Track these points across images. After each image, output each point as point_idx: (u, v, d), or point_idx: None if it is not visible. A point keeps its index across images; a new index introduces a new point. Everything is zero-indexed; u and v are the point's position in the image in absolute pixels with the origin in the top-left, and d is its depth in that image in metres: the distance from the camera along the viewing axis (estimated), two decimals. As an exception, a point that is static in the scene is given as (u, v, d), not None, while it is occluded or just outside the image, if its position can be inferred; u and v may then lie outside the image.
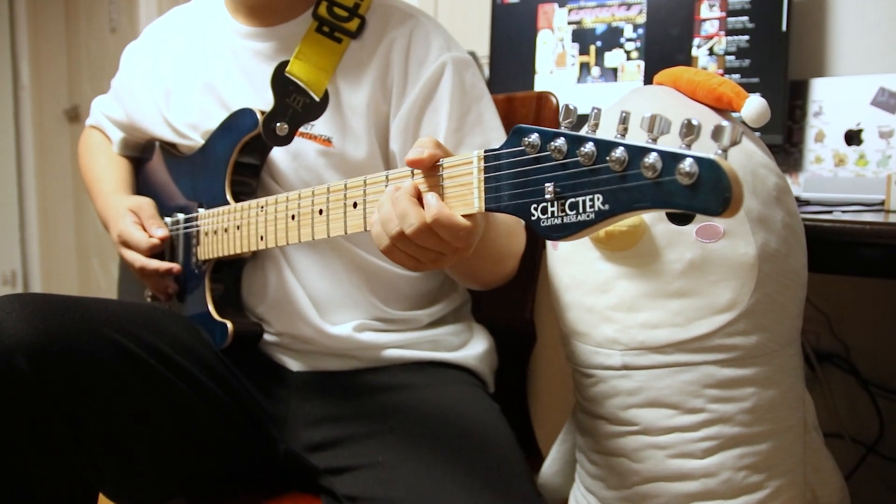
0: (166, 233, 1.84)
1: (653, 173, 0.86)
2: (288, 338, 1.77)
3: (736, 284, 1.45)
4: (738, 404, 1.48)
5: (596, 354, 1.60)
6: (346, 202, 1.35)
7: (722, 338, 1.46)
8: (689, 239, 1.46)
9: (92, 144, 2.17)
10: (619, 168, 0.90)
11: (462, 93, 1.75)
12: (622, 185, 0.90)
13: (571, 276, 1.63)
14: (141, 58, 2.03)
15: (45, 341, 1.41)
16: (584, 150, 0.95)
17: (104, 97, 2.18)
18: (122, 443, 1.53)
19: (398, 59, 1.74)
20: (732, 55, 2.23)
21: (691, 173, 0.82)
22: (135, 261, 1.83)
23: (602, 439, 1.62)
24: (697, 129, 0.85)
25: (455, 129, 1.73)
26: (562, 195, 0.99)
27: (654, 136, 0.89)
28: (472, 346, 1.88)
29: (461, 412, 1.68)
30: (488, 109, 1.79)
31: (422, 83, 1.73)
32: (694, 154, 0.83)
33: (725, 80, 1.54)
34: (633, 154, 0.89)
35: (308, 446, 1.68)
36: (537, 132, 1.03)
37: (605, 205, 0.93)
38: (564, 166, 0.98)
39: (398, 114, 1.74)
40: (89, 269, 5.91)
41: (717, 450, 1.49)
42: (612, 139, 0.92)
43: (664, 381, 1.51)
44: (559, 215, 0.99)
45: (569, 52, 2.51)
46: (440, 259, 1.25)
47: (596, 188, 0.94)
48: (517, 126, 1.06)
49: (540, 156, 1.02)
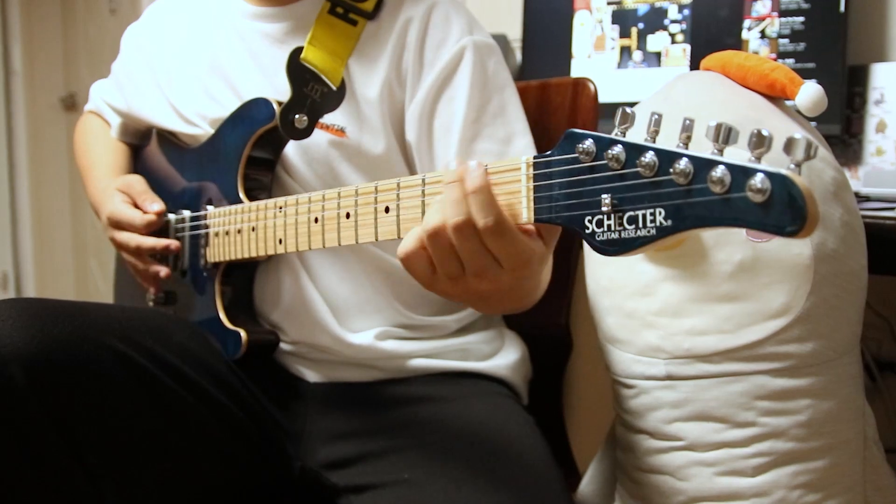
0: (162, 206, 1.83)
1: (721, 188, 0.86)
2: (304, 346, 1.77)
3: (790, 287, 1.45)
4: (792, 417, 1.48)
5: (637, 363, 1.60)
6: (376, 206, 1.33)
7: (774, 345, 1.46)
8: (739, 238, 1.46)
9: (89, 131, 2.18)
10: (684, 181, 0.90)
11: (483, 80, 1.74)
12: (687, 199, 0.90)
13: (611, 278, 1.64)
14: (143, 40, 2.04)
15: (43, 351, 1.40)
16: (644, 161, 0.95)
17: (104, 81, 2.19)
18: (124, 461, 1.52)
19: (414, 40, 1.74)
20: (786, 38, 2.23)
21: (763, 190, 0.82)
22: (129, 241, 1.82)
23: (644, 455, 1.62)
24: (769, 141, 0.85)
25: (473, 120, 1.72)
26: (620, 208, 0.98)
27: (720, 147, 0.89)
28: (503, 355, 1.87)
29: (492, 426, 1.67)
30: (512, 101, 1.78)
31: (439, 68, 1.72)
32: (766, 169, 0.82)
33: (778, 65, 1.54)
34: (699, 166, 0.89)
35: (327, 463, 1.68)
36: (592, 138, 1.02)
37: (667, 220, 0.93)
38: (623, 177, 0.98)
39: (413, 101, 1.74)
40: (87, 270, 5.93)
41: (769, 467, 1.49)
42: (675, 149, 0.92)
43: (712, 392, 1.51)
44: (616, 229, 0.99)
45: (608, 35, 2.52)
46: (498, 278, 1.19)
47: (658, 202, 0.94)
48: (570, 131, 1.06)
49: (595, 164, 1.02)
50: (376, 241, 1.34)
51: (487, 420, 1.69)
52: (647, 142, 0.97)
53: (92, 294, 5.80)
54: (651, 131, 0.98)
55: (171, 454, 1.59)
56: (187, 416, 1.59)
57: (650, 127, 0.98)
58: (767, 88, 1.54)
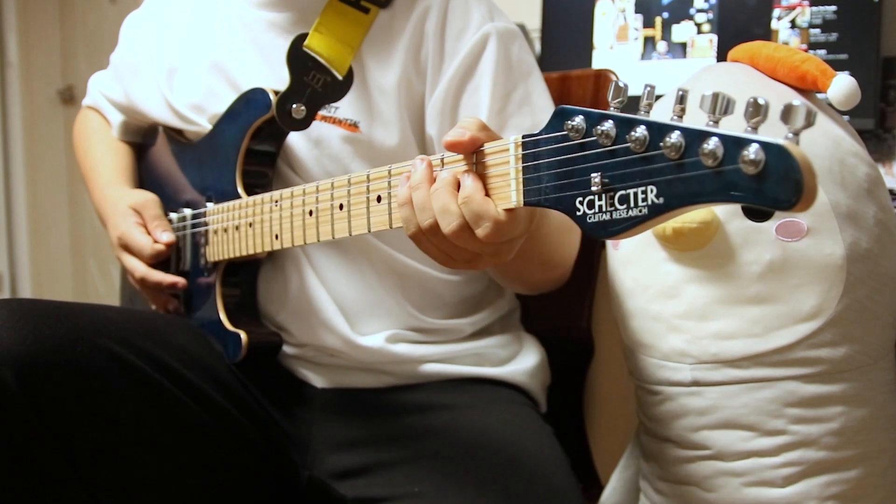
0: (172, 237, 1.83)
1: (713, 161, 0.84)
2: (311, 350, 1.77)
3: (821, 289, 1.45)
4: (824, 425, 1.48)
5: (662, 369, 1.60)
6: (368, 195, 1.33)
7: (805, 350, 1.46)
8: (769, 237, 1.46)
9: (89, 128, 2.17)
10: (675, 155, 0.88)
11: (507, 68, 1.73)
12: (678, 174, 0.89)
13: (635, 279, 1.64)
14: (143, 30, 2.03)
15: (35, 353, 1.40)
16: (634, 135, 0.93)
17: (103, 74, 2.18)
18: (121, 469, 1.52)
19: (433, 30, 1.73)
20: (818, 28, 2.23)
21: (757, 161, 0.80)
22: (135, 269, 1.82)
23: (669, 465, 1.62)
24: (764, 109, 0.84)
25: (499, 111, 1.71)
26: (610, 187, 0.97)
27: (715, 118, 0.88)
28: (521, 360, 1.87)
29: (509, 436, 1.67)
30: (537, 87, 1.78)
31: (461, 57, 1.71)
32: (760, 139, 0.81)
33: (809, 56, 1.54)
34: (691, 139, 0.87)
35: (335, 473, 1.67)
36: (582, 114, 1.01)
37: (658, 198, 0.92)
38: (613, 153, 0.97)
39: (434, 94, 1.73)
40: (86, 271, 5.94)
41: (799, 477, 1.49)
42: (667, 122, 0.91)
43: (740, 398, 1.51)
44: (608, 210, 0.97)
45: (631, 25, 2.52)
46: (475, 260, 1.23)
47: (649, 178, 0.92)
48: (559, 107, 1.04)
49: (585, 141, 1.01)
50: (369, 233, 1.34)
51: (503, 430, 1.69)
52: (640, 116, 0.95)
53: (91, 296, 5.81)
54: (645, 105, 0.97)
55: (170, 462, 1.58)
56: (188, 422, 1.59)
57: (643, 100, 0.97)
58: (798, 81, 1.54)
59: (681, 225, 1.49)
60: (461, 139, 1.17)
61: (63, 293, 6.06)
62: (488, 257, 1.22)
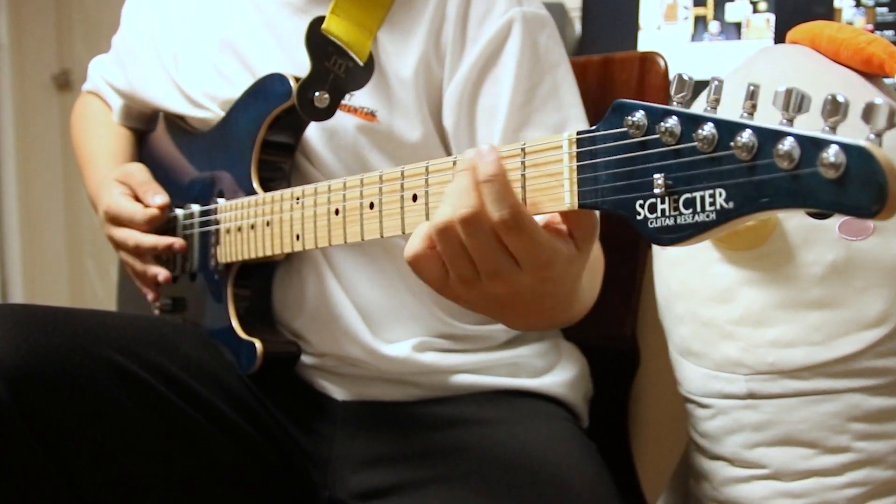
0: (166, 199, 1.83)
1: (789, 163, 0.84)
2: (332, 359, 1.77)
3: (889, 292, 1.45)
4: (892, 442, 1.48)
5: (715, 380, 1.60)
6: (403, 194, 1.32)
7: (872, 359, 1.46)
8: (831, 236, 1.46)
9: (88, 114, 2.20)
10: (747, 156, 0.88)
11: (534, 58, 1.73)
12: (750, 177, 0.89)
13: (684, 282, 1.64)
14: (147, 11, 2.04)
15: (30, 364, 1.41)
16: (702, 134, 0.93)
17: (104, 57, 2.20)
18: (122, 488, 1.53)
19: (455, 12, 1.72)
20: (885, 7, 2.23)
21: (837, 164, 0.80)
22: (127, 238, 1.82)
23: (722, 486, 1.63)
24: (844, 108, 0.84)
25: (522, 105, 1.71)
26: (674, 189, 0.97)
27: (789, 117, 0.88)
28: (560, 371, 1.87)
29: (548, 454, 1.66)
30: (566, 81, 1.77)
31: (483, 43, 1.71)
32: (840, 140, 0.81)
33: (876, 37, 1.54)
34: (764, 139, 0.87)
35: (358, 494, 1.67)
36: (644, 109, 1.01)
37: (728, 202, 0.91)
38: (678, 153, 0.97)
39: (453, 81, 1.73)
40: (83, 273, 5.95)
41: (865, 498, 1.49)
42: (737, 120, 0.91)
43: (799, 412, 1.52)
44: (671, 214, 0.97)
45: (681, 4, 2.52)
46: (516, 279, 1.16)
47: (718, 181, 0.92)
48: (618, 101, 1.04)
49: (647, 139, 1.00)
50: (403, 235, 1.32)
51: (542, 447, 1.68)
52: (707, 112, 0.95)
53: (89, 301, 5.81)
54: (711, 100, 0.97)
55: (177, 482, 1.59)
56: (196, 438, 1.60)
57: (710, 95, 0.97)
58: (863, 64, 1.54)
59: (735, 223, 1.49)
60: None
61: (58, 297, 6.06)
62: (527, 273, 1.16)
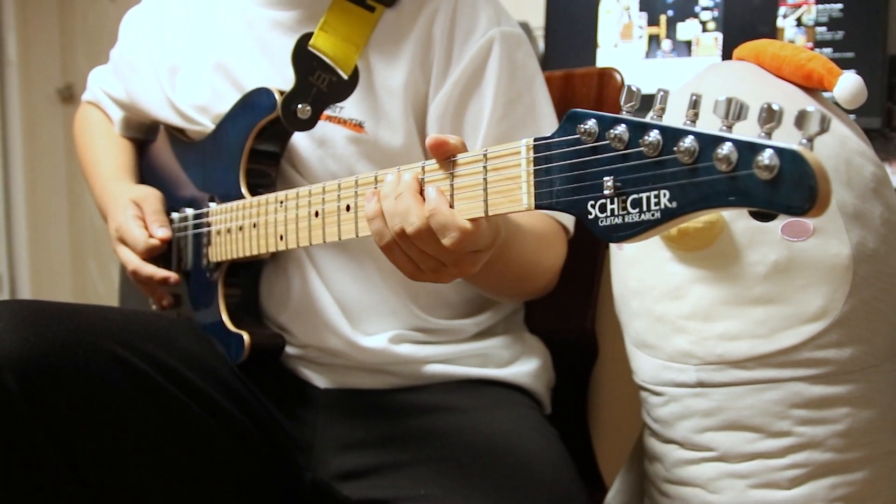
0: (168, 233, 1.83)
1: (727, 166, 0.85)
2: (314, 351, 1.77)
3: (827, 289, 1.45)
4: (830, 427, 1.48)
5: (667, 370, 1.60)
6: None
7: (811, 350, 1.47)
8: (774, 237, 1.46)
9: (90, 123, 2.17)
10: (689, 160, 0.89)
11: (512, 74, 1.74)
12: (692, 179, 0.90)
13: (640, 279, 1.64)
14: (144, 26, 2.03)
15: (36, 355, 1.40)
16: (648, 139, 0.94)
17: (103, 69, 2.18)
18: (123, 473, 1.52)
19: (441, 32, 1.73)
20: (824, 26, 2.23)
21: (771, 166, 0.81)
22: (129, 262, 1.82)
23: (673, 467, 1.62)
24: (779, 115, 0.85)
25: (501, 117, 1.72)
26: (623, 191, 0.98)
27: (728, 123, 0.89)
28: (525, 362, 1.87)
29: (514, 439, 1.67)
30: (541, 95, 1.79)
31: (466, 61, 1.72)
32: (774, 144, 0.81)
33: (815, 54, 1.54)
34: (705, 144, 0.88)
35: (338, 474, 1.67)
36: (595, 118, 1.02)
37: (672, 202, 0.92)
38: (626, 157, 0.98)
39: (437, 96, 1.73)
40: (85, 272, 5.93)
41: (805, 479, 1.49)
42: (680, 126, 0.92)
43: (745, 400, 1.51)
44: (620, 213, 0.98)
45: (636, 23, 2.52)
46: (440, 270, 1.25)
47: (662, 183, 0.93)
48: (571, 111, 1.05)
49: (598, 145, 1.01)
50: None
51: (508, 432, 1.69)
52: (653, 120, 0.96)
53: (90, 297, 5.79)
54: (657, 109, 0.97)
55: (173, 465, 1.58)
56: (191, 424, 1.59)
57: (656, 105, 0.98)
58: (804, 79, 1.54)
59: (686, 225, 1.49)
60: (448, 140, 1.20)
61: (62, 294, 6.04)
62: (452, 267, 1.24)
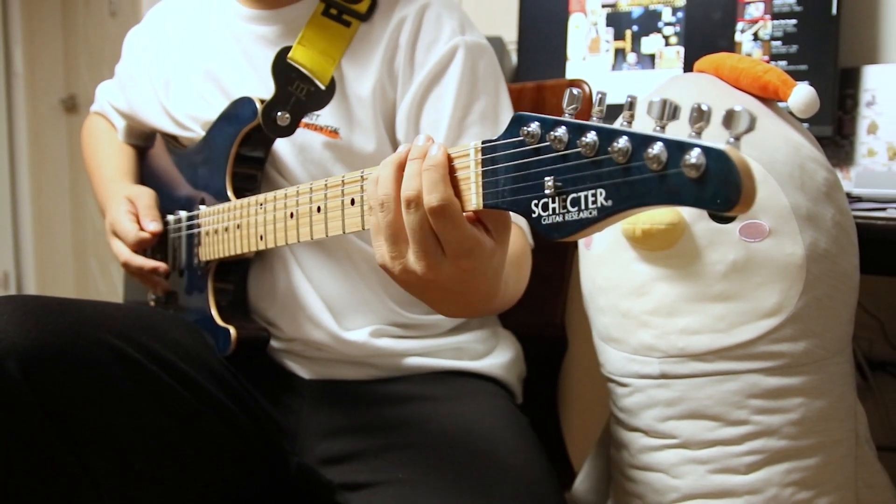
0: (159, 227, 1.84)
1: (657, 165, 0.84)
2: (299, 344, 1.77)
3: (782, 287, 1.45)
4: (785, 416, 1.48)
5: (632, 362, 1.60)
6: (343, 199, 1.32)
7: (767, 344, 1.47)
8: (732, 238, 1.46)
9: (96, 131, 2.19)
10: (623, 160, 0.88)
11: (472, 80, 1.74)
12: (625, 178, 0.88)
13: (607, 278, 1.64)
14: (144, 43, 2.04)
15: (38, 346, 1.39)
16: (585, 141, 0.92)
17: (109, 83, 2.20)
18: (121, 456, 1.51)
19: (406, 41, 1.74)
20: (779, 41, 2.23)
21: (698, 165, 0.79)
22: (120, 253, 1.83)
23: (638, 453, 1.62)
24: (707, 115, 0.83)
25: (459, 120, 1.72)
26: (563, 190, 0.96)
27: (662, 124, 0.87)
28: (498, 354, 1.87)
29: (487, 427, 1.67)
30: (501, 102, 1.79)
31: (429, 67, 1.73)
32: (701, 143, 0.80)
33: (771, 67, 1.54)
34: (637, 144, 0.86)
35: (322, 459, 1.67)
36: (538, 120, 1.00)
37: (607, 200, 0.91)
38: (565, 158, 0.96)
39: (403, 100, 1.74)
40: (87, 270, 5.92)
41: (762, 465, 1.49)
42: (615, 127, 0.90)
43: (705, 390, 1.51)
44: (560, 212, 0.97)
45: (603, 38, 2.52)
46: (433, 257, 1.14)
47: (598, 182, 0.92)
48: (517, 114, 1.04)
49: (540, 147, 1.00)
50: (344, 234, 1.33)
51: (481, 420, 1.69)
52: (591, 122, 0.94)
53: (92, 294, 5.79)
54: (596, 111, 0.96)
55: (168, 450, 1.57)
56: (184, 411, 1.58)
57: (595, 107, 0.96)
58: (760, 90, 1.54)
59: (649, 226, 1.49)
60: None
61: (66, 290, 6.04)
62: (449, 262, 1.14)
